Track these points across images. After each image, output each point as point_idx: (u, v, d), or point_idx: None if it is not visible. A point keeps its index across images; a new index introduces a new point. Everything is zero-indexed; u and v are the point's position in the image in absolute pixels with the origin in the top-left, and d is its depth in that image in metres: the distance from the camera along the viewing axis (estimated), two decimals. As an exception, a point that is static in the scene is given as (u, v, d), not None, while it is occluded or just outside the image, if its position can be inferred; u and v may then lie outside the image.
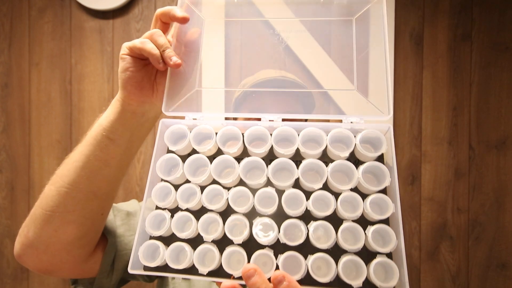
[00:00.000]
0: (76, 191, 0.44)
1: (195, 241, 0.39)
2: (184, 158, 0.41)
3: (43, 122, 1.27)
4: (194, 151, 0.42)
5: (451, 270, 1.18)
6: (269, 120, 0.42)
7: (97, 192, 0.45)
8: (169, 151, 0.43)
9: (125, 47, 0.43)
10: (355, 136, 0.40)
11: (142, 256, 0.38)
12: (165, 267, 0.39)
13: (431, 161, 1.19)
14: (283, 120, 0.42)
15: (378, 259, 0.35)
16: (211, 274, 0.37)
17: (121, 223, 0.55)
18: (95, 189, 0.45)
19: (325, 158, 0.41)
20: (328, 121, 0.42)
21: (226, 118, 0.58)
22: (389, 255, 0.36)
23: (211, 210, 0.39)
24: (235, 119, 0.67)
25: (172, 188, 0.40)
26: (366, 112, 0.42)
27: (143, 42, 0.41)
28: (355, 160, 0.41)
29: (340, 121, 0.42)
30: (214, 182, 0.40)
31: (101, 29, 1.25)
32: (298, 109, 0.66)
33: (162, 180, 0.41)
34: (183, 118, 0.44)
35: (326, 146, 0.39)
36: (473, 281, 1.18)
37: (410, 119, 1.20)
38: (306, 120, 0.69)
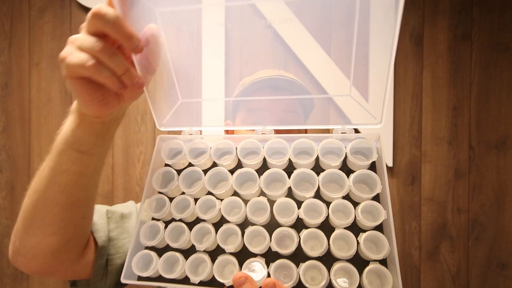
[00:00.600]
0: (52, 205, 0.41)
1: (189, 252, 0.39)
2: (180, 172, 0.42)
3: (43, 122, 1.27)
4: (190, 166, 0.43)
5: (451, 270, 1.18)
6: (262, 133, 0.42)
7: (75, 202, 0.43)
8: (166, 165, 0.44)
9: (68, 67, 0.33)
10: (346, 146, 0.40)
11: (136, 266, 0.38)
12: (158, 278, 0.39)
13: (431, 161, 1.19)
14: (276, 132, 0.42)
15: (371, 265, 0.35)
16: (203, 283, 0.38)
17: (114, 226, 0.54)
18: (72, 200, 0.43)
19: (317, 169, 0.41)
20: (328, 131, 0.42)
21: (226, 132, 0.57)
22: (383, 262, 0.36)
23: (205, 221, 0.39)
24: (232, 132, 0.67)
25: (167, 200, 0.41)
26: (362, 116, 0.42)
27: (94, 70, 0.32)
28: (347, 170, 0.40)
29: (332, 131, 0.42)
30: (208, 194, 0.41)
31: (101, 29, 1.25)
32: (296, 109, 0.65)
33: (158, 192, 0.42)
34: (179, 133, 0.44)
35: (318, 156, 0.40)
36: (473, 281, 1.18)
37: (410, 119, 1.20)
38: (306, 131, 0.69)
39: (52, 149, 0.41)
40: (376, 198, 0.38)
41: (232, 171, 0.41)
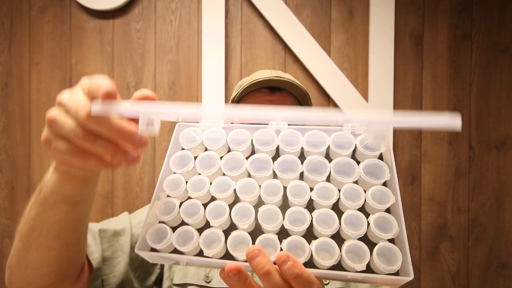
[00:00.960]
0: (46, 250, 0.40)
1: (203, 229, 0.39)
2: (196, 157, 0.43)
3: (43, 122, 1.26)
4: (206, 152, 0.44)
5: (451, 270, 1.18)
6: (276, 124, 0.44)
7: (70, 243, 0.42)
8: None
9: (52, 154, 0.31)
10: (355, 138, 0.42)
11: (150, 238, 0.38)
12: (172, 251, 0.39)
13: (431, 161, 1.19)
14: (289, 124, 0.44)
15: (381, 243, 0.36)
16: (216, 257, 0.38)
17: (108, 245, 0.54)
18: (67, 242, 0.41)
19: (328, 159, 0.42)
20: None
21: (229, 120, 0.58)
22: (392, 243, 0.37)
23: (220, 200, 0.40)
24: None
25: (183, 180, 0.41)
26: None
27: (77, 160, 0.30)
28: (357, 161, 0.42)
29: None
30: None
31: (101, 29, 1.25)
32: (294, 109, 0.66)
33: (174, 173, 0.43)
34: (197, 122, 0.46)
35: (329, 146, 0.41)
36: (473, 281, 1.18)
37: (410, 119, 1.19)
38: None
39: (39, 200, 0.38)
40: (385, 185, 0.40)
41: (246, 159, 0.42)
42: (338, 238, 0.37)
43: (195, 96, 1.22)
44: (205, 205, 0.40)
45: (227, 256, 0.37)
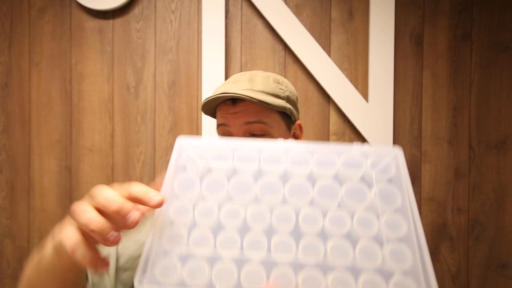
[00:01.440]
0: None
1: (212, 261, 0.38)
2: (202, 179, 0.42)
3: (43, 122, 1.27)
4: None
5: (451, 270, 1.18)
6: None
7: (65, 283, 0.45)
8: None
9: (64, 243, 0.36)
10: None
11: (157, 271, 0.36)
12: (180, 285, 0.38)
13: (431, 161, 1.19)
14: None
15: (396, 276, 0.35)
16: None
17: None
18: (62, 284, 0.45)
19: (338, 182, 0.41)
20: (328, 138, 0.42)
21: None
22: (409, 274, 0.36)
23: (230, 229, 0.39)
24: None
25: (190, 207, 0.40)
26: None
27: (76, 259, 0.34)
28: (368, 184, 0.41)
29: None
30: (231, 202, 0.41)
31: (101, 29, 1.25)
32: (262, 118, 0.62)
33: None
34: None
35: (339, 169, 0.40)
36: (473, 281, 1.18)
37: (410, 119, 1.20)
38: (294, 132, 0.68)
39: (38, 259, 0.44)
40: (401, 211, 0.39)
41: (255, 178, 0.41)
42: (352, 269, 0.36)
43: (195, 96, 1.22)
44: (214, 234, 0.39)
45: None
